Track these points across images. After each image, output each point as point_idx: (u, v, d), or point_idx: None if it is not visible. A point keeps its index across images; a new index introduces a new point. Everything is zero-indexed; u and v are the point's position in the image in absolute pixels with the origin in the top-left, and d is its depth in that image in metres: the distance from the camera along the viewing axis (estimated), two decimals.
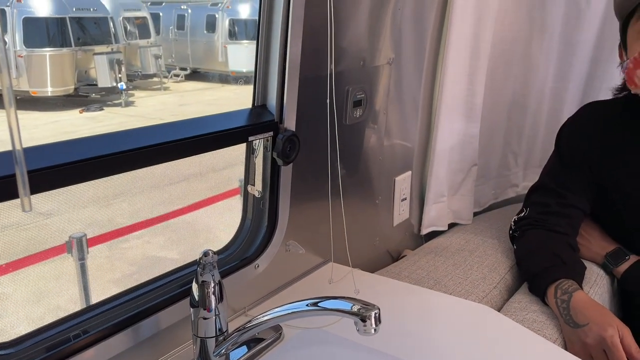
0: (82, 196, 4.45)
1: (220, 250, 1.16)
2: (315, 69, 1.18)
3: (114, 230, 4.61)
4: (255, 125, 1.09)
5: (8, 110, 0.60)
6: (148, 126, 0.95)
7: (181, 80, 15.05)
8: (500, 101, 1.88)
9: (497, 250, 1.58)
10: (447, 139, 1.68)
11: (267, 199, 1.17)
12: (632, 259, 1.39)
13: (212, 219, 5.26)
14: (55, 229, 4.31)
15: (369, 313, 0.75)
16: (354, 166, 1.43)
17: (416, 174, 1.72)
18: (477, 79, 1.68)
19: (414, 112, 1.63)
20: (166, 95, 13.34)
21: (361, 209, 1.50)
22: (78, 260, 3.09)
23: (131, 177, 2.83)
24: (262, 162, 1.16)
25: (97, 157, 0.78)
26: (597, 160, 1.39)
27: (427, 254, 1.58)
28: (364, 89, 1.36)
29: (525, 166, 2.08)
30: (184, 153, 0.96)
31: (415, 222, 1.77)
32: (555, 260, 1.32)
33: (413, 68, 1.56)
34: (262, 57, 1.14)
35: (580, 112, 1.48)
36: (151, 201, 5.31)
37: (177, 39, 15.32)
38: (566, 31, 1.89)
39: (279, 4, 1.07)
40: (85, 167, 0.77)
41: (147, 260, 4.50)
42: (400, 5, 1.40)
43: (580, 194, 1.42)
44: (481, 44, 1.64)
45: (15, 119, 0.61)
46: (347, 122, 1.33)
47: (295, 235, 1.23)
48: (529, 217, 1.47)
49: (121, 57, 11.94)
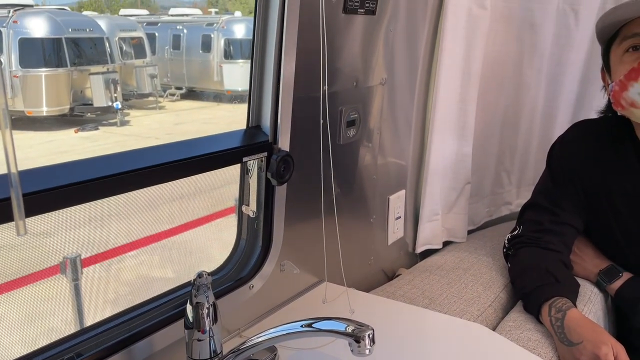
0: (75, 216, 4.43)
1: (215, 271, 1.16)
2: (309, 89, 1.19)
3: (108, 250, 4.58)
4: (250, 146, 1.11)
5: (3, 132, 0.60)
6: (143, 148, 0.96)
7: (177, 99, 15.12)
8: (493, 120, 1.91)
9: (491, 269, 1.59)
10: (440, 157, 1.70)
11: (261, 219, 1.18)
12: (625, 276, 1.40)
13: (208, 238, 5.24)
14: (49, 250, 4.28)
15: (363, 334, 0.75)
16: (348, 185, 1.43)
17: (410, 193, 1.73)
18: (468, 98, 1.70)
19: (407, 131, 1.64)
20: (162, 114, 13.38)
21: (356, 228, 1.51)
22: (72, 281, 3.07)
23: (127, 196, 2.85)
24: (257, 182, 1.17)
25: (91, 180, 0.79)
26: (588, 177, 1.41)
27: (421, 273, 1.58)
28: (357, 109, 1.37)
29: (519, 184, 2.09)
30: (178, 174, 0.97)
31: (409, 240, 1.78)
32: (548, 279, 1.32)
33: (406, 88, 1.59)
34: (256, 79, 1.15)
35: (570, 130, 1.50)
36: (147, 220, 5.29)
37: (172, 59, 15.43)
38: (556, 51, 1.92)
39: (273, 25, 1.09)
40: (80, 190, 0.78)
41: (142, 280, 4.47)
42: (392, 27, 1.42)
43: (573, 211, 1.43)
44: (472, 64, 1.66)
45: (11, 141, 0.61)
46: (340, 142, 1.34)
47: (289, 255, 1.24)
48: (522, 235, 1.47)
49: (117, 76, 12.00)
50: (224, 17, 15.78)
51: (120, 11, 20.42)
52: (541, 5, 1.82)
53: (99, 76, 11.62)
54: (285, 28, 1.08)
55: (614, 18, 1.25)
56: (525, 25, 1.84)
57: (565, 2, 1.85)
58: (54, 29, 11.25)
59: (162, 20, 16.87)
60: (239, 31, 14.54)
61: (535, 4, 1.81)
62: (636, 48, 1.22)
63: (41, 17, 11.33)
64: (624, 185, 1.36)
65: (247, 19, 15.59)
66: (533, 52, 1.89)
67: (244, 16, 17.09)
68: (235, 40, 14.50)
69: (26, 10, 11.45)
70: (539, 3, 1.81)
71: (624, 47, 1.25)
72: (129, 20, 15.45)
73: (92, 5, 39.00)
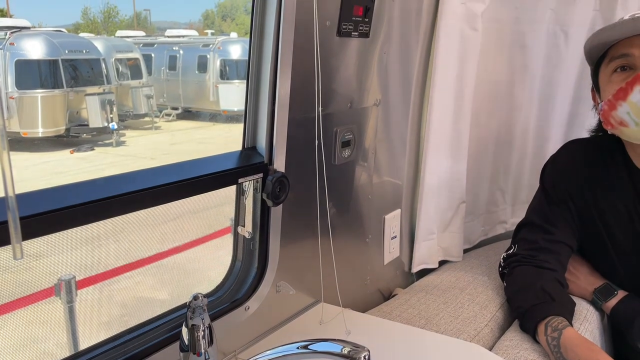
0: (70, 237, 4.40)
1: (210, 293, 1.16)
2: (304, 111, 1.20)
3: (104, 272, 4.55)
4: (245, 168, 1.11)
5: (1, 154, 0.60)
6: (139, 170, 0.96)
7: (173, 119, 15.18)
8: (486, 139, 1.92)
9: (487, 288, 1.59)
10: (435, 177, 1.71)
11: (257, 240, 1.18)
12: (620, 294, 1.40)
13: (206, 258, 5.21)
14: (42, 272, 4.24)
15: (359, 355, 0.75)
16: (343, 205, 1.44)
17: (405, 212, 1.73)
18: (462, 118, 1.72)
19: (402, 152, 1.66)
20: (158, 134, 13.42)
21: (352, 248, 1.51)
22: (66, 304, 3.04)
23: (123, 216, 2.84)
24: (252, 203, 1.17)
25: (88, 203, 0.79)
26: (580, 196, 1.42)
27: (418, 292, 1.58)
28: (352, 130, 1.39)
29: (513, 202, 2.10)
30: (175, 196, 0.98)
31: (405, 260, 1.78)
32: (544, 297, 1.32)
33: (400, 108, 1.60)
34: (252, 100, 1.17)
35: (562, 150, 1.52)
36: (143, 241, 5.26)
37: (168, 79, 15.53)
38: (547, 72, 1.95)
39: (268, 48, 1.11)
40: (76, 213, 0.78)
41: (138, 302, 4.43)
42: (386, 49, 1.44)
43: (567, 229, 1.44)
44: (465, 84, 1.69)
45: (9, 165, 0.62)
46: (335, 162, 1.35)
47: (285, 275, 1.23)
48: (517, 253, 1.48)
49: (113, 97, 12.05)
50: (220, 38, 15.92)
51: (117, 32, 20.60)
52: (531, 27, 1.86)
53: (95, 97, 11.67)
54: (280, 51, 1.10)
55: (601, 39, 1.28)
56: (517, 46, 1.87)
57: (555, 24, 1.89)
58: (50, 50, 11.32)
59: (159, 42, 17.02)
60: (234, 52, 14.68)
61: (525, 26, 1.84)
62: (624, 68, 1.25)
63: (38, 39, 11.41)
64: (615, 203, 1.38)
65: (242, 39, 15.76)
66: (525, 72, 1.92)
67: (239, 37, 17.27)
68: (231, 60, 14.62)
69: (23, 32, 11.55)
70: (530, 24, 1.85)
71: (611, 68, 1.27)
72: (125, 41, 15.58)
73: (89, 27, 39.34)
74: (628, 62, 1.24)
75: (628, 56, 1.24)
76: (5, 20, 13.26)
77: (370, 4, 1.28)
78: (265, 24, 1.11)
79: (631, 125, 1.21)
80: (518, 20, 1.83)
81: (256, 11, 1.11)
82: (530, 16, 1.84)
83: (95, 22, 40.80)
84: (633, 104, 1.19)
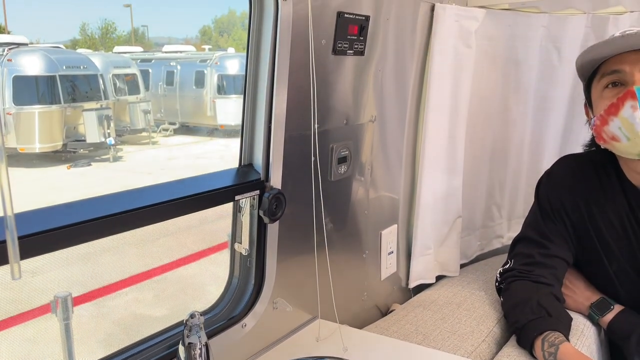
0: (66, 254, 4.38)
1: (207, 310, 1.15)
2: (300, 128, 1.22)
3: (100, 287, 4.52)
4: (242, 185, 1.12)
5: (1, 174, 0.61)
6: (136, 189, 0.97)
7: (170, 134, 15.20)
8: (481, 154, 1.94)
9: (484, 303, 1.59)
10: (431, 192, 1.72)
11: (254, 257, 1.18)
12: (616, 308, 1.41)
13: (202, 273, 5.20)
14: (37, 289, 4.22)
15: None
16: (340, 221, 1.45)
17: (402, 227, 1.74)
18: (457, 133, 1.73)
19: (397, 167, 1.67)
20: (155, 149, 13.42)
21: (348, 264, 1.51)
22: (63, 321, 3.01)
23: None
24: (249, 220, 1.18)
25: (85, 222, 0.80)
26: (575, 211, 1.43)
27: (415, 308, 1.58)
28: (348, 146, 1.40)
29: (509, 217, 2.11)
30: (172, 214, 0.98)
31: (403, 275, 1.78)
32: (540, 312, 1.32)
33: (395, 125, 1.62)
34: (249, 118, 1.18)
35: (557, 164, 1.53)
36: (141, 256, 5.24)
37: (166, 95, 15.58)
38: (541, 87, 1.97)
39: (265, 66, 1.13)
40: (73, 232, 0.78)
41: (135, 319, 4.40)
42: (381, 67, 1.46)
43: (562, 244, 1.45)
44: (459, 100, 1.71)
45: (8, 185, 0.62)
46: (332, 179, 1.36)
47: (282, 292, 1.24)
48: (513, 268, 1.48)
49: (110, 113, 12.07)
50: (217, 53, 16.01)
51: (115, 48, 20.71)
52: (524, 44, 1.88)
53: (93, 112, 11.68)
54: (276, 69, 1.11)
55: (593, 56, 1.29)
56: (510, 62, 1.90)
57: (548, 40, 1.91)
58: (48, 66, 11.36)
59: (156, 57, 17.09)
60: (232, 67, 14.75)
61: (518, 42, 1.87)
62: (615, 84, 1.26)
63: (35, 55, 11.46)
64: (610, 217, 1.38)
65: (240, 54, 15.84)
66: (519, 88, 1.95)
67: (237, 52, 17.37)
68: (228, 76, 14.69)
69: (21, 48, 11.60)
70: (522, 41, 1.87)
71: (603, 84, 1.29)
72: (123, 57, 15.64)
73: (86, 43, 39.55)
74: (619, 78, 1.26)
75: (619, 72, 1.26)
76: (3, 37, 13.31)
77: (365, 23, 1.30)
78: (262, 42, 1.13)
79: (623, 140, 1.22)
80: (511, 37, 1.86)
81: (252, 30, 1.13)
82: (523, 33, 1.86)
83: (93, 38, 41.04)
84: (624, 119, 1.20)
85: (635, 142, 1.19)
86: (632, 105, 1.18)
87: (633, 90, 1.18)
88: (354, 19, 1.27)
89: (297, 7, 1.10)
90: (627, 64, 1.24)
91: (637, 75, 1.22)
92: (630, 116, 1.18)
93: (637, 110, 1.17)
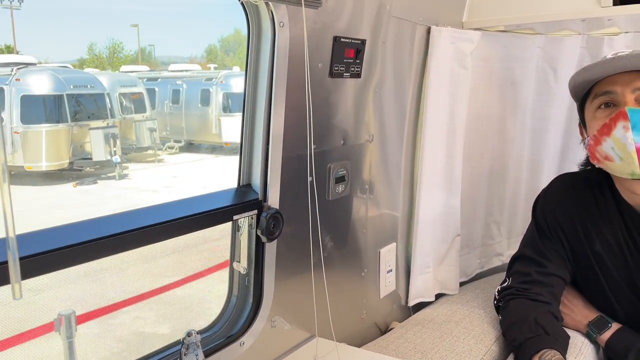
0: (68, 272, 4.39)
1: (206, 328, 1.17)
2: (297, 148, 1.24)
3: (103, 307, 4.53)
4: (240, 205, 1.15)
5: (3, 190, 0.63)
6: (137, 209, 1.00)
7: (175, 152, 15.30)
8: (479, 173, 1.96)
9: (483, 321, 1.59)
10: (429, 210, 1.74)
11: (252, 276, 1.20)
12: (614, 326, 1.41)
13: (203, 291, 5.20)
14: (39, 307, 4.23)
15: None
16: (338, 240, 1.46)
17: (401, 246, 1.75)
18: (454, 152, 1.76)
19: (396, 186, 1.69)
20: (160, 167, 13.50)
21: (347, 282, 1.52)
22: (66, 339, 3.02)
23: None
24: (247, 239, 1.20)
25: (85, 242, 0.82)
26: (571, 229, 1.44)
27: (414, 326, 1.59)
28: (345, 166, 1.42)
29: (509, 235, 2.12)
30: (172, 234, 1.00)
31: (402, 293, 1.79)
32: (538, 330, 1.33)
33: (393, 144, 1.64)
34: (247, 139, 1.21)
35: (553, 184, 1.55)
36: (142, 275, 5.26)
37: (172, 113, 15.72)
38: (538, 106, 1.99)
39: (262, 88, 1.16)
40: (74, 252, 0.81)
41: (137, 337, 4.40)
42: (378, 88, 1.49)
43: (559, 262, 1.46)
44: (456, 120, 1.73)
45: (10, 208, 0.65)
46: (329, 198, 1.38)
47: (280, 310, 1.25)
48: (511, 286, 1.49)
49: (116, 131, 12.19)
50: (222, 72, 16.18)
51: (122, 67, 20.96)
52: (521, 64, 1.91)
53: (99, 131, 11.80)
54: (273, 91, 1.15)
55: (585, 77, 1.32)
56: (507, 83, 1.92)
57: (544, 61, 1.94)
58: (55, 86, 11.51)
59: (162, 76, 17.28)
60: (237, 86, 14.87)
61: (514, 63, 1.90)
62: (607, 105, 1.29)
63: (43, 75, 11.62)
64: (606, 236, 1.40)
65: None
66: (516, 108, 1.97)
67: (242, 71, 17.53)
68: (233, 94, 14.81)
69: (29, 68, 11.76)
70: (519, 62, 1.90)
71: (596, 104, 1.31)
72: (129, 76, 15.83)
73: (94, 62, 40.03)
74: (611, 99, 1.28)
75: (611, 93, 1.28)
76: (12, 57, 13.52)
77: (361, 47, 1.34)
78: (260, 66, 1.16)
79: (616, 160, 1.24)
80: (507, 58, 1.89)
81: (251, 54, 1.16)
82: (519, 54, 1.89)
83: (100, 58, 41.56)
84: (617, 139, 1.22)
85: (627, 162, 1.20)
86: (624, 125, 1.20)
87: (625, 111, 1.21)
88: (350, 42, 1.30)
89: (293, 32, 1.13)
90: (619, 85, 1.27)
91: (628, 96, 1.24)
92: (623, 136, 1.20)
93: (629, 130, 1.19)
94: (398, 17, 1.48)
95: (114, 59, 41.18)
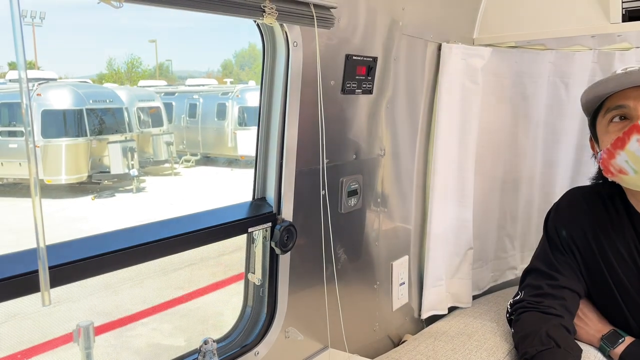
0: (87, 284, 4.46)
1: (221, 338, 1.20)
2: (310, 163, 1.28)
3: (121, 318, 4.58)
4: (255, 217, 1.18)
5: (34, 203, 0.67)
6: (155, 222, 1.04)
7: (192, 165, 15.46)
8: (492, 186, 1.97)
9: (495, 334, 1.60)
10: (441, 224, 1.75)
11: (266, 287, 1.23)
12: (627, 340, 1.41)
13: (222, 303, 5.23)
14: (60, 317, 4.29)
15: None
16: (351, 253, 1.49)
17: (414, 258, 1.77)
18: (466, 166, 1.78)
19: (408, 199, 1.71)
20: (177, 179, 13.65)
21: (360, 294, 1.54)
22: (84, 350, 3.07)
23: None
24: (262, 250, 1.23)
25: (108, 253, 0.86)
26: (584, 243, 1.45)
27: (427, 339, 1.60)
28: (357, 180, 1.45)
29: (522, 249, 2.12)
30: (189, 245, 1.04)
31: (415, 306, 1.80)
32: (549, 343, 1.33)
33: (405, 158, 1.67)
34: (262, 155, 1.25)
35: (564, 197, 1.56)
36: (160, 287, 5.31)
37: (188, 126, 15.92)
38: (550, 120, 2.01)
39: (277, 104, 1.20)
40: (99, 262, 0.85)
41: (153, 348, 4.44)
42: (390, 104, 1.53)
43: (571, 275, 1.46)
44: (468, 134, 1.75)
45: (41, 220, 0.69)
46: (342, 211, 1.41)
47: (294, 321, 1.28)
48: (523, 299, 1.50)
49: (134, 145, 12.38)
50: (238, 86, 16.36)
51: (140, 82, 21.30)
52: (532, 79, 1.93)
53: (117, 145, 12.00)
54: (287, 107, 1.19)
55: (597, 92, 1.34)
56: (518, 97, 1.94)
57: (555, 75, 1.96)
58: (75, 101, 11.75)
59: (179, 90, 17.53)
60: (252, 99, 15.02)
61: (526, 78, 1.92)
62: (620, 118, 1.30)
63: (64, 90, 11.88)
64: (619, 249, 1.40)
65: None
66: (528, 122, 1.99)
67: (257, 85, 17.68)
68: (249, 108, 14.96)
69: (50, 83, 12.04)
70: (530, 77, 1.92)
71: (608, 118, 1.33)
72: (147, 90, 16.08)
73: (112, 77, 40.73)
74: (624, 112, 1.30)
75: (623, 107, 1.30)
76: (33, 73, 13.83)
77: (372, 64, 1.38)
78: (274, 84, 1.20)
79: (630, 173, 1.25)
80: (518, 73, 1.91)
81: (266, 72, 1.21)
82: (530, 69, 1.91)
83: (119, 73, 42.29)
84: (631, 152, 1.23)
85: None
86: (637, 139, 1.22)
87: (638, 124, 1.22)
88: (362, 60, 1.34)
89: (307, 51, 1.17)
90: (631, 99, 1.28)
91: None
92: (637, 149, 1.22)
93: None
94: (409, 35, 1.52)
95: (133, 74, 41.86)
